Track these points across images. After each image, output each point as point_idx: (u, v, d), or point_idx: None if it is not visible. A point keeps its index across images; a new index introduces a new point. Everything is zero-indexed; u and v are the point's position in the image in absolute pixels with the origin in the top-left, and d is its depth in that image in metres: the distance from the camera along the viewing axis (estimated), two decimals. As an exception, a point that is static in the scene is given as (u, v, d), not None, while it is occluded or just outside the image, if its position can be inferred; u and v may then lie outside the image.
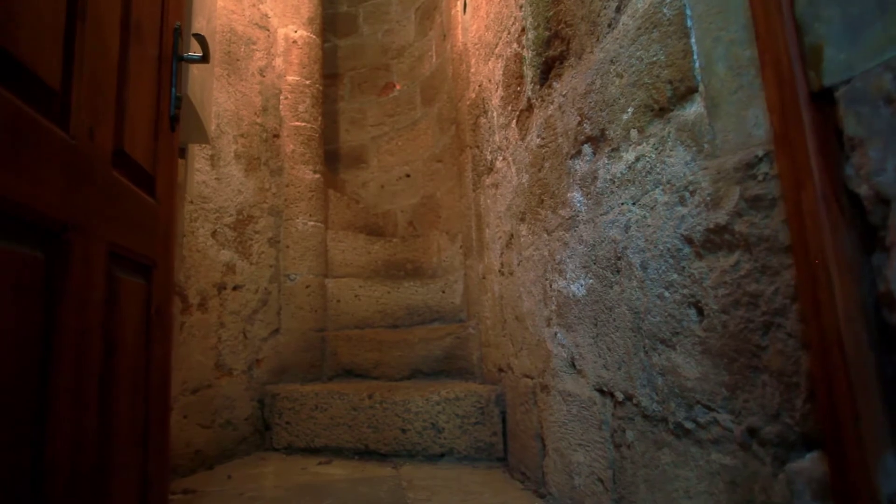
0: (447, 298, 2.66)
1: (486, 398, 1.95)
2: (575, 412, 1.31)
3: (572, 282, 1.31)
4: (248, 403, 2.25)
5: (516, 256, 1.75)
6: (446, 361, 2.37)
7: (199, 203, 2.10)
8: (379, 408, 2.07)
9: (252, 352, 2.30)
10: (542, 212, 1.52)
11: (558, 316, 1.40)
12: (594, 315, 1.20)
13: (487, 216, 2.11)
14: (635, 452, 1.02)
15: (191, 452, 1.93)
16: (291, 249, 2.52)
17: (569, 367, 1.35)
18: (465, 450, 1.94)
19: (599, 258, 1.17)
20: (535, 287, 1.57)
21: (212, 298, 2.12)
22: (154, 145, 1.12)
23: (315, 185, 2.65)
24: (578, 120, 1.27)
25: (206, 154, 2.16)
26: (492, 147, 2.03)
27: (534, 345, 1.59)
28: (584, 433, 1.26)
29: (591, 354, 1.22)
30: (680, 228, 0.88)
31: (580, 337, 1.27)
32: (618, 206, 1.09)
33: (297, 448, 2.17)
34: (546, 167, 1.48)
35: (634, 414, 1.03)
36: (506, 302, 1.87)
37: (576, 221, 1.29)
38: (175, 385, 1.88)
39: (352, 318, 2.63)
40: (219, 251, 2.18)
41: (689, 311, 0.86)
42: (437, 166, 3.18)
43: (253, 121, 2.45)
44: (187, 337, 1.97)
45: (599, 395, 1.19)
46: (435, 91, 3.29)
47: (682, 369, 0.88)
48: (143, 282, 1.04)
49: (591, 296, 1.22)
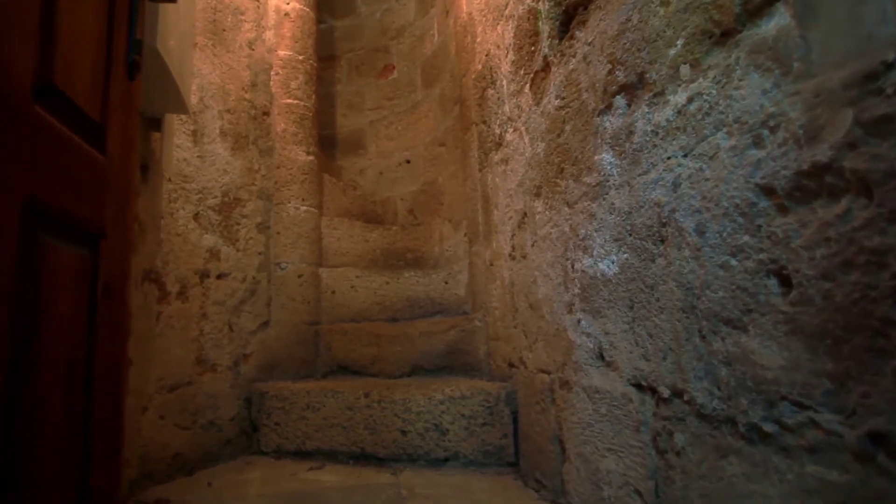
0: (450, 289, 2.47)
1: (496, 396, 1.76)
2: (604, 411, 1.12)
3: (601, 259, 1.12)
4: (234, 402, 2.06)
5: (530, 237, 1.56)
6: (450, 357, 2.18)
7: (179, 182, 1.91)
8: (376, 407, 1.88)
9: (238, 346, 2.12)
10: (561, 182, 1.33)
11: (582, 300, 1.21)
12: (629, 296, 1.01)
13: (496, 196, 1.93)
14: (687, 460, 0.84)
15: (168, 457, 1.74)
16: (282, 236, 2.33)
17: (595, 359, 1.16)
18: (472, 454, 1.75)
19: (637, 227, 0.98)
20: (554, 269, 1.38)
21: (193, 287, 1.93)
22: (104, 91, 0.93)
23: (308, 168, 2.46)
24: (609, 68, 1.08)
25: (188, 129, 1.97)
26: (501, 119, 1.84)
27: (551, 335, 1.40)
28: (616, 436, 1.07)
29: (625, 343, 1.03)
30: (754, 177, 0.69)
31: (611, 323, 1.08)
32: (662, 162, 0.90)
33: (287, 451, 1.98)
34: (567, 130, 1.29)
35: (686, 413, 0.84)
36: (517, 289, 1.68)
37: (605, 188, 1.11)
38: (150, 382, 1.69)
39: (348, 310, 2.44)
40: (201, 236, 1.99)
41: (769, 281, 0.67)
42: (440, 150, 2.99)
43: (240, 96, 2.26)
44: (165, 328, 1.78)
45: (636, 392, 1.00)
46: (437, 71, 3.10)
47: (757, 356, 0.69)
48: (86, 252, 0.86)
49: (625, 273, 1.03)
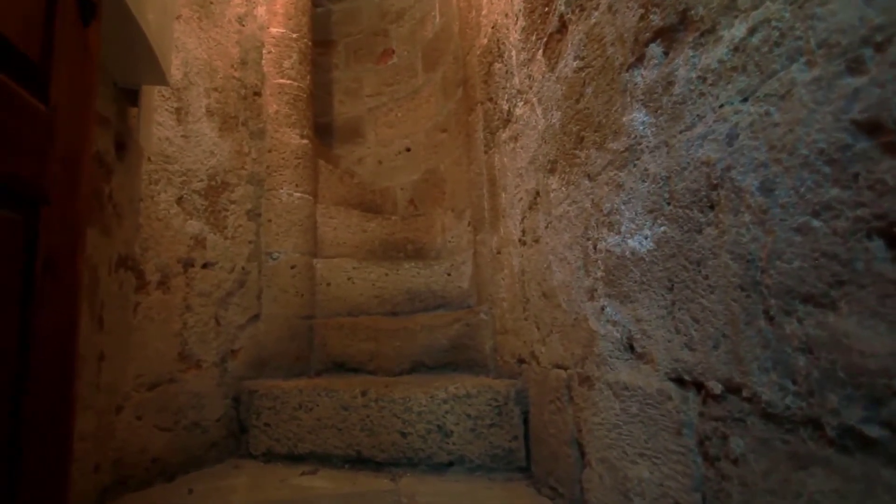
0: (453, 282, 2.32)
1: (504, 395, 1.61)
2: (634, 411, 0.97)
3: (630, 235, 0.98)
4: (221, 401, 1.91)
5: (543, 218, 1.42)
6: (453, 352, 2.03)
7: (161, 163, 1.76)
8: (374, 407, 1.73)
9: (226, 341, 1.97)
10: (581, 153, 1.18)
11: (607, 284, 1.06)
12: (668, 276, 0.86)
13: (503, 178, 1.78)
14: (749, 470, 0.69)
15: (146, 461, 1.59)
16: (274, 224, 2.18)
17: (624, 350, 1.01)
18: (479, 457, 1.60)
19: (678, 194, 0.83)
20: (572, 251, 1.23)
21: (176, 276, 1.78)
22: (46, 31, 0.78)
23: (302, 152, 2.31)
24: (641, 13, 0.93)
25: (171, 107, 1.83)
26: (509, 94, 1.69)
27: (569, 326, 1.26)
28: (651, 439, 0.92)
29: (662, 331, 0.88)
30: (849, 112, 0.54)
31: (643, 309, 0.94)
32: (712, 113, 0.75)
33: (278, 454, 1.84)
34: (588, 94, 1.14)
35: (746, 413, 0.69)
36: (529, 277, 1.54)
37: (636, 152, 0.96)
38: (126, 379, 1.54)
39: (344, 303, 2.29)
40: (185, 221, 1.84)
41: (870, 243, 0.52)
42: (441, 137, 2.84)
43: (229, 74, 2.12)
44: (143, 321, 1.64)
45: (677, 387, 0.85)
46: (439, 54, 2.95)
47: (853, 340, 0.54)
48: (19, 218, 0.71)
49: (661, 250, 0.88)
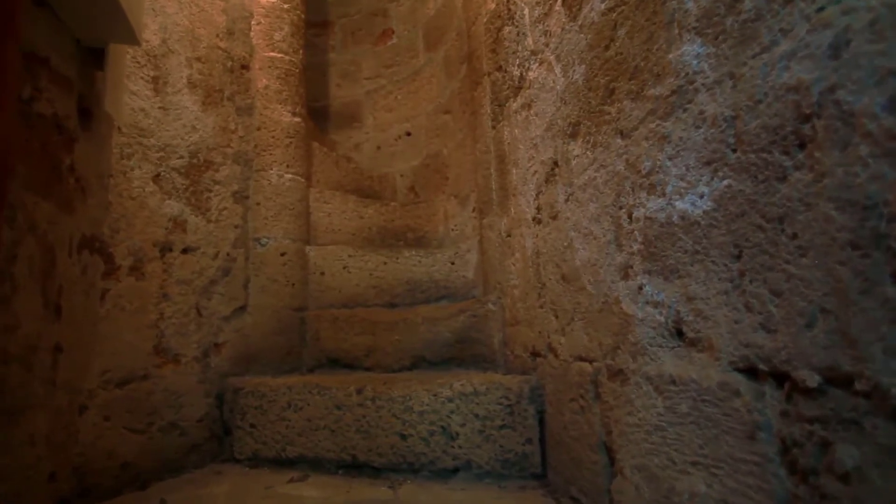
0: (457, 271, 2.15)
1: (517, 392, 1.44)
2: (684, 409, 0.80)
3: (680, 196, 0.80)
4: (202, 400, 1.74)
5: (563, 190, 1.24)
6: (458, 347, 1.86)
7: (134, 136, 1.59)
8: (371, 406, 1.56)
9: (208, 334, 1.79)
10: (611, 109, 1.01)
11: (647, 259, 0.89)
12: (734, 240, 0.69)
13: (514, 152, 1.61)
14: (870, 490, 0.51)
15: (114, 467, 1.42)
16: (263, 207, 2.01)
17: (669, 336, 0.84)
18: (488, 463, 1.43)
19: (749, 135, 0.66)
20: (600, 224, 1.06)
21: (152, 261, 1.61)
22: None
23: (294, 130, 2.14)
24: (694, -78, 0.76)
25: (147, 75, 1.65)
26: (521, 57, 1.52)
27: (595, 311, 1.08)
28: (709, 445, 0.74)
29: (725, 309, 0.71)
30: None
31: (697, 284, 0.76)
32: (804, 22, 0.58)
33: (265, 459, 1.66)
34: (620, 37, 0.97)
35: (862, 412, 0.52)
36: (545, 259, 1.36)
37: (686, 94, 0.78)
38: (90, 375, 1.37)
39: (339, 294, 2.11)
40: (163, 201, 1.67)
41: None
42: (444, 119, 2.67)
43: (214, 44, 1.95)
44: (113, 310, 1.46)
45: (747, 380, 0.67)
46: (441, 32, 2.78)
47: None
48: None
49: (725, 208, 0.71)
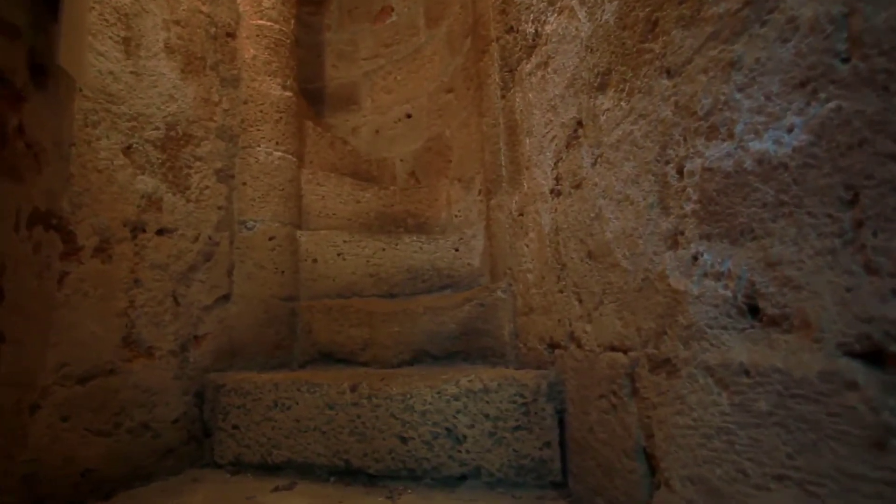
0: (462, 258, 1.98)
1: (533, 389, 1.27)
2: (765, 407, 0.63)
3: (756, 135, 0.63)
4: (179, 398, 1.56)
5: (589, 154, 1.07)
6: (464, 339, 1.69)
7: (102, 102, 1.42)
8: (367, 405, 1.39)
9: (187, 325, 1.62)
10: (653, 45, 0.84)
11: (704, 220, 0.72)
12: (845, 180, 0.52)
13: (528, 120, 1.43)
14: None
15: (74, 474, 1.24)
16: (250, 187, 1.84)
17: (739, 314, 0.66)
18: (500, 469, 1.25)
19: (873, 34, 0.49)
20: (638, 186, 0.89)
21: (121, 242, 1.44)
22: None
23: (284, 105, 1.96)
24: None
25: (117, 35, 1.48)
26: (536, 11, 1.35)
27: (633, 290, 0.91)
28: (804, 454, 0.57)
29: (830, 273, 0.54)
30: None
31: (784, 245, 0.59)
32: None
33: (248, 464, 1.49)
34: (667, -46, 0.80)
35: None
36: (567, 235, 1.19)
37: (765, 1, 0.61)
38: (44, 369, 1.20)
39: (333, 283, 1.94)
40: (135, 176, 1.50)
41: None
42: (447, 98, 2.50)
43: (195, 7, 1.77)
44: (73, 295, 1.29)
45: (867, 367, 0.50)
46: (443, 6, 2.61)
47: None
48: None
49: (828, 141, 0.53)
